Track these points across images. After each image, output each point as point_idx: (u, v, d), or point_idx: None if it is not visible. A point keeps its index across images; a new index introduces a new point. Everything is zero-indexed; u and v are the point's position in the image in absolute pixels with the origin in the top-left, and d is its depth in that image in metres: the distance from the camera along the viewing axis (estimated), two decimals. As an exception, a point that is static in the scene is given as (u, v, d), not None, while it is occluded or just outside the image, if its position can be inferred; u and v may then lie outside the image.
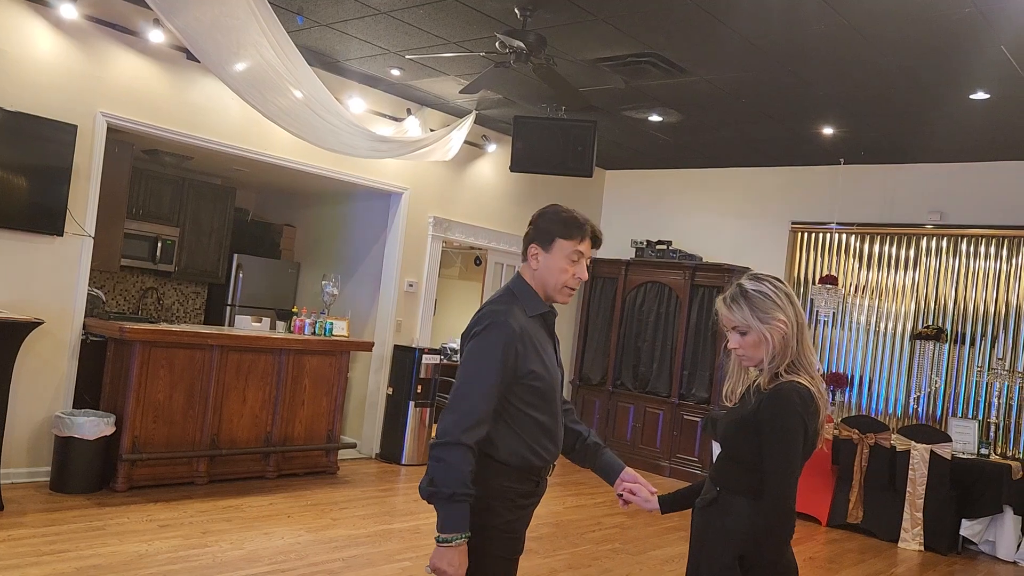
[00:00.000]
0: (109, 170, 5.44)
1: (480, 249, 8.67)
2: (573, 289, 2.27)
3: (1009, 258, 6.66)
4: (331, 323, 6.38)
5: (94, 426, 4.89)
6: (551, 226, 2.24)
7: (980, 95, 5.11)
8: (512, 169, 6.26)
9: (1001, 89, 4.97)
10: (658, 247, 8.24)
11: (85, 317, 5.29)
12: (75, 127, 5.03)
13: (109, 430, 4.99)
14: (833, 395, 7.28)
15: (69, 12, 4.92)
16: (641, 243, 8.37)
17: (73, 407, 5.19)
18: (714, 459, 2.22)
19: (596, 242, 2.28)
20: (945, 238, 6.98)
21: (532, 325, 2.20)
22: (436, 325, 7.82)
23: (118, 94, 5.26)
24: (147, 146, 6.67)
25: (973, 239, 6.85)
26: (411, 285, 7.24)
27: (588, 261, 2.30)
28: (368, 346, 6.68)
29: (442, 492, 1.99)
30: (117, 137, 5.65)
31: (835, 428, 6.42)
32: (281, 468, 5.93)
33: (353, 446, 6.82)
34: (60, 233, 5.04)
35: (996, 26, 4.09)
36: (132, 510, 4.72)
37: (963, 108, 5.41)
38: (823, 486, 6.45)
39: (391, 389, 7.04)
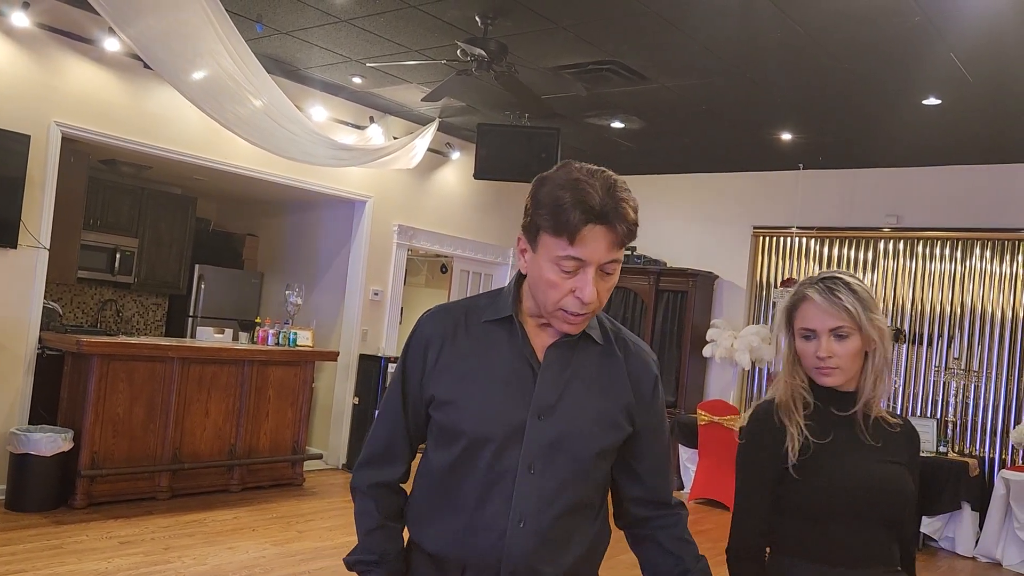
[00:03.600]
0: (64, 180, 5.33)
1: (446, 257, 8.65)
2: (575, 315, 1.39)
3: (963, 259, 6.81)
4: (295, 333, 6.32)
5: (51, 442, 4.79)
6: (539, 209, 1.37)
7: (932, 101, 5.23)
8: (476, 176, 6.26)
9: (952, 95, 5.09)
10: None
11: (41, 331, 5.17)
12: (28, 137, 4.93)
13: (67, 446, 4.88)
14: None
15: (20, 20, 4.82)
16: (606, 249, 8.42)
17: (29, 423, 5.07)
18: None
19: (619, 231, 1.34)
20: (902, 241, 7.12)
21: (485, 334, 1.50)
22: (402, 334, 7.78)
23: (73, 103, 5.17)
24: (104, 156, 6.56)
25: (929, 241, 7.00)
26: (376, 294, 7.20)
27: (612, 266, 1.38)
28: (333, 356, 6.62)
29: (349, 559, 1.53)
30: (72, 147, 5.55)
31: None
32: (245, 481, 5.85)
33: (319, 457, 6.75)
34: (14, 245, 4.93)
35: (945, 34, 4.19)
36: (91, 527, 4.63)
37: (916, 114, 5.53)
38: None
39: (357, 399, 6.99)
